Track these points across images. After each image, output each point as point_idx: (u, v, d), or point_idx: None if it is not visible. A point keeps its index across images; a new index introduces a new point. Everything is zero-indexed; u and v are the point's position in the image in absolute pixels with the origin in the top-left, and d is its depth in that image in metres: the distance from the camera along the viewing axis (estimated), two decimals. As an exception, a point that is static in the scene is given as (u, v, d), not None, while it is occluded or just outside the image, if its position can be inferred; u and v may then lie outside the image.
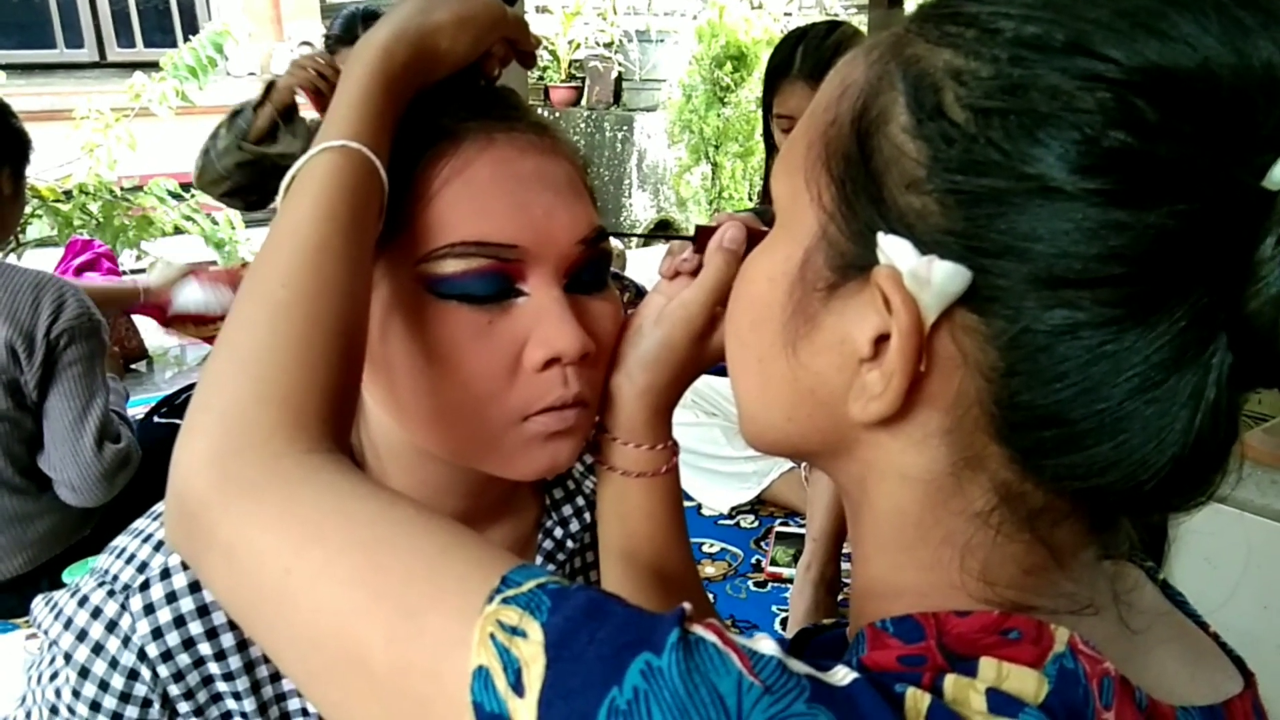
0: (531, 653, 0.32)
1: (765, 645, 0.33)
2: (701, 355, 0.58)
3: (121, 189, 3.94)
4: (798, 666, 0.32)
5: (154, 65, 4.00)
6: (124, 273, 2.66)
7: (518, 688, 0.32)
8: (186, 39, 4.13)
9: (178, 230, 3.64)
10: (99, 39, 5.82)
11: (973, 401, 0.36)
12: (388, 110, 0.52)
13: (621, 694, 0.31)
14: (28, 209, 3.58)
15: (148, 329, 3.13)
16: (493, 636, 0.33)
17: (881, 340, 0.36)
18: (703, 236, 0.57)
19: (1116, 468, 0.34)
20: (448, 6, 0.55)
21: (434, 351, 0.53)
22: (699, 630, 0.33)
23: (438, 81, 0.56)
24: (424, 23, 0.53)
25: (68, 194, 3.77)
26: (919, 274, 0.34)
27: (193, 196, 3.61)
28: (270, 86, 2.00)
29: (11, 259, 3.47)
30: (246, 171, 2.05)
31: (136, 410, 2.03)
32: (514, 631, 0.33)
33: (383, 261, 0.53)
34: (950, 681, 0.33)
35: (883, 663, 0.36)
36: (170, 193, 3.75)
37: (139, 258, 3.86)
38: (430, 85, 0.55)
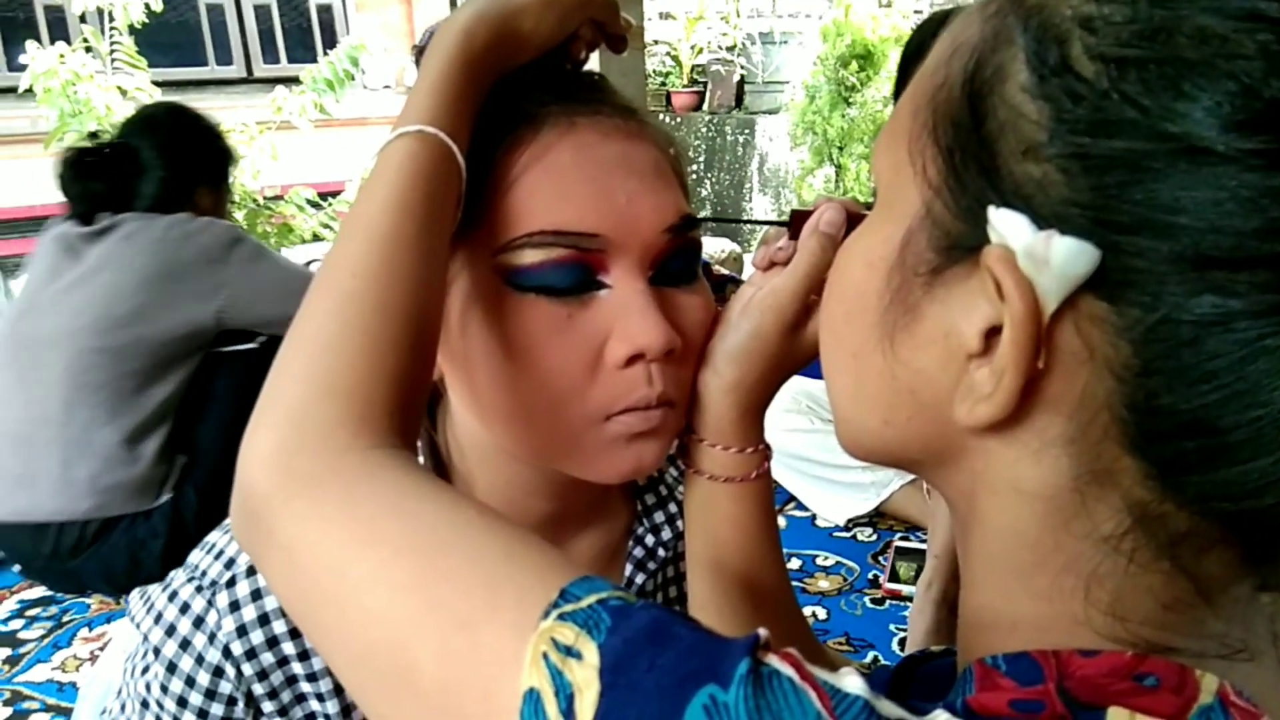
0: (585, 677, 0.29)
1: (851, 683, 0.28)
2: (795, 349, 0.53)
3: (264, 198, 4.15)
4: (888, 709, 0.28)
5: (296, 80, 4.19)
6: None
7: (569, 715, 0.29)
8: (325, 54, 4.31)
9: (316, 237, 3.82)
10: (246, 56, 6.16)
11: (1101, 405, 0.30)
12: (467, 95, 0.50)
13: None
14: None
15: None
16: (546, 656, 0.30)
17: (993, 333, 0.31)
18: (798, 221, 0.52)
19: (1277, 487, 0.28)
20: None
21: (512, 347, 0.51)
22: (774, 661, 0.29)
23: (521, 66, 0.53)
24: (507, 4, 0.51)
25: (216, 203, 3.98)
26: (1035, 252, 0.29)
27: (329, 205, 3.77)
28: None
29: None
30: None
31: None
32: (568, 652, 0.30)
33: (461, 253, 0.51)
34: None
35: (992, 707, 0.31)
36: (309, 201, 3.92)
37: (280, 263, 4.05)
38: (514, 69, 0.53)
